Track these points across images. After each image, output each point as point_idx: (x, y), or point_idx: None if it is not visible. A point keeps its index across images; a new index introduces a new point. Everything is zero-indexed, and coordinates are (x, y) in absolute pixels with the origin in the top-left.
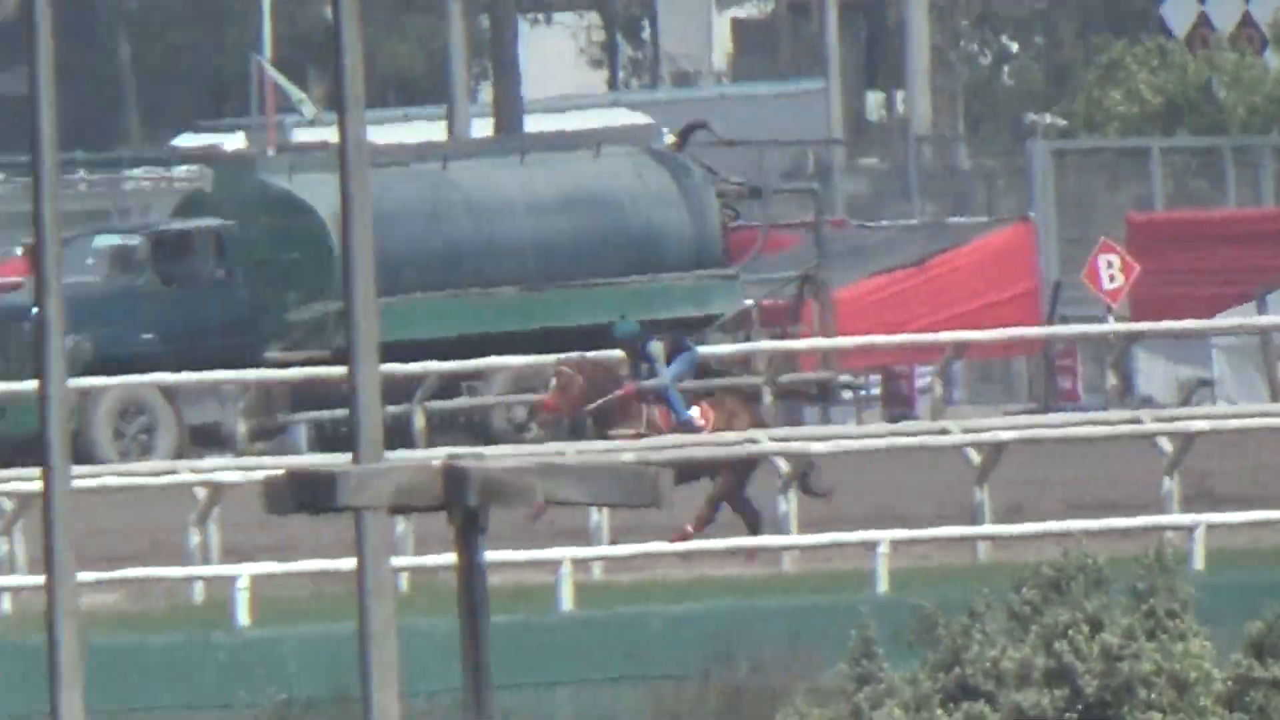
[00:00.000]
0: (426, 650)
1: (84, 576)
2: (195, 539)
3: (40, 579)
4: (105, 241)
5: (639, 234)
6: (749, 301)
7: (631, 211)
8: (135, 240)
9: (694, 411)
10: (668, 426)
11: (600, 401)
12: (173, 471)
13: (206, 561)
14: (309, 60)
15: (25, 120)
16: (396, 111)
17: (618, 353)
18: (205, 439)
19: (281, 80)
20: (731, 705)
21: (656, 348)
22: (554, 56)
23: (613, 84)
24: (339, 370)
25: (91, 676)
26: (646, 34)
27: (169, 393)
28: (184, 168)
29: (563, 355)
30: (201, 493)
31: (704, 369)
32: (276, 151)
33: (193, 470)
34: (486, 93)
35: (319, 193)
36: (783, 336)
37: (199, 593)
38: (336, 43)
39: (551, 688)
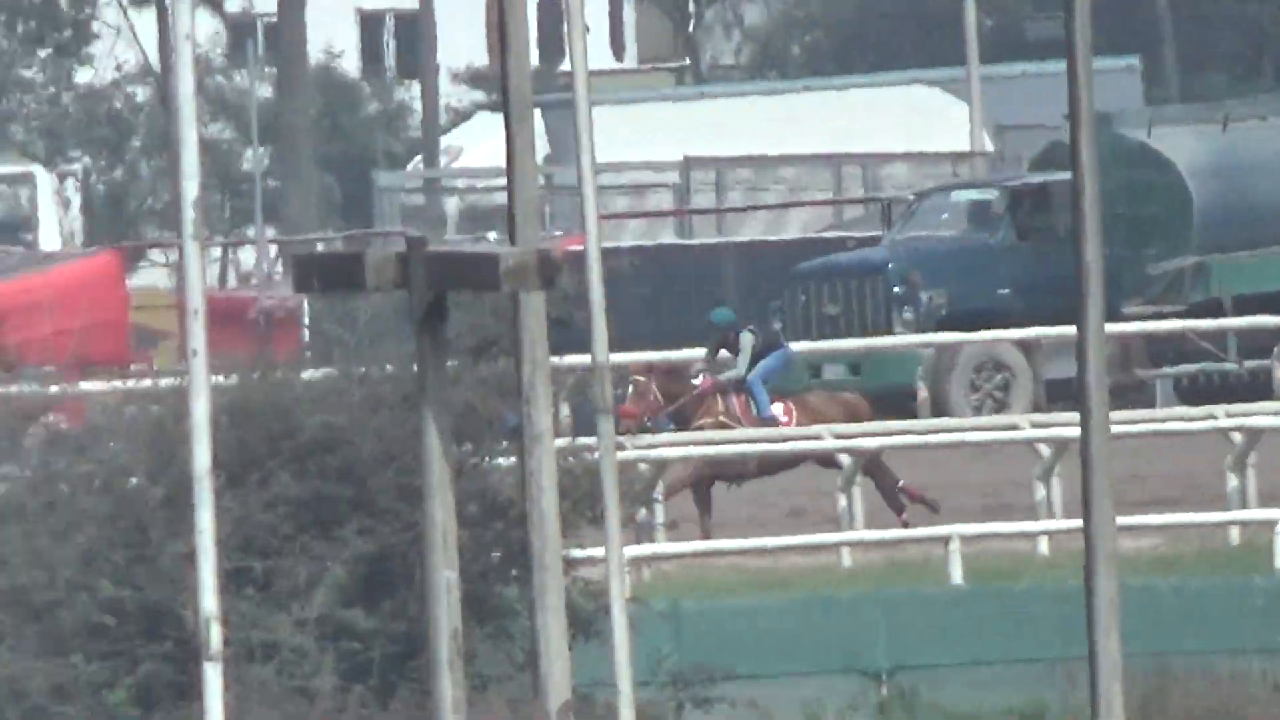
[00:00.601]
0: None
1: (1122, 520)
2: (1233, 483)
3: (1077, 523)
4: (963, 196)
5: None
6: None
7: None
8: (992, 195)
9: (777, 408)
10: (748, 420)
11: (679, 402)
12: (1210, 416)
13: (1244, 506)
14: None
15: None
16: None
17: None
18: (1062, 395)
19: None
20: None
21: (747, 339)
22: None
23: None
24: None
25: (1128, 620)
26: None
27: (1026, 349)
28: None
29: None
30: (1238, 437)
31: None
32: None
33: (1229, 414)
34: None
35: (1177, 146)
36: None
37: (1235, 537)
38: None
39: None
